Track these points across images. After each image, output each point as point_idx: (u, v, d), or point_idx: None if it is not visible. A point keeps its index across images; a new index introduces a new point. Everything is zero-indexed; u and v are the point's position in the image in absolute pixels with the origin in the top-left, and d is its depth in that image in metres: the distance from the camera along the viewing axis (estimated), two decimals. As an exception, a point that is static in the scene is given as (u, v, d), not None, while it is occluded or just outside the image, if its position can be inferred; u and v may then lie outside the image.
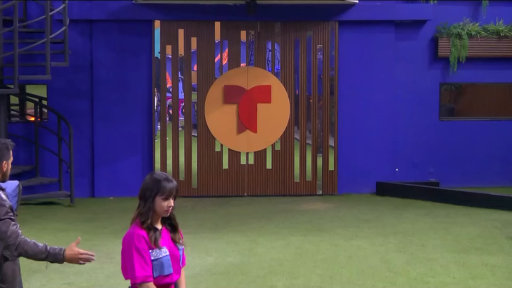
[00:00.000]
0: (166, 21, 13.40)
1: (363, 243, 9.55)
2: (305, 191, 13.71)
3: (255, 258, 8.81)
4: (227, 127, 13.56)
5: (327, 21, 13.58)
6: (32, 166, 13.27)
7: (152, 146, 13.50)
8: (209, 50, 13.54)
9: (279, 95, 13.63)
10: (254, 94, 13.56)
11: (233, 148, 13.62)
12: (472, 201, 12.35)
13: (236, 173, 13.64)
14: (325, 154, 13.70)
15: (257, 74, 13.61)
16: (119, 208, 12.26)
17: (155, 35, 13.43)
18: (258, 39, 13.60)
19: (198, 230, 10.39)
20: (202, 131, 13.57)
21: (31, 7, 13.08)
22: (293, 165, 13.70)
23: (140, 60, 13.45)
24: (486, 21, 14.14)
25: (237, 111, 13.55)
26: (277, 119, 13.64)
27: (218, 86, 13.55)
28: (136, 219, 4.05)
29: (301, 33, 13.61)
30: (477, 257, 8.75)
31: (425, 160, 14.18)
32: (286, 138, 13.70)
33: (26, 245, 4.29)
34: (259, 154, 13.70)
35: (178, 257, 4.13)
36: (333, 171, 13.72)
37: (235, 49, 13.59)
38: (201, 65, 13.55)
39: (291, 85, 13.67)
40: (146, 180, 4.09)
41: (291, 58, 13.63)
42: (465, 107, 14.83)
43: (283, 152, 13.71)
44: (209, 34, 13.52)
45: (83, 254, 4.26)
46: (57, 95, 13.35)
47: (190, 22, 13.47)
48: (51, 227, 10.76)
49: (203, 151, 13.58)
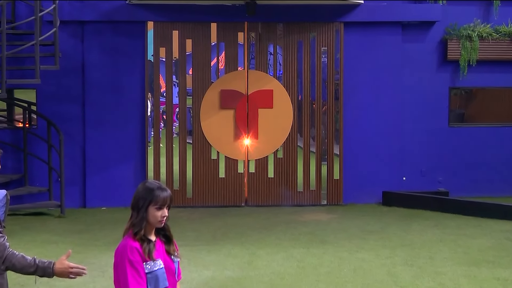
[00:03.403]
0: (159, 22, 13.43)
1: (369, 256, 9.56)
2: (309, 201, 13.72)
3: (255, 271, 8.82)
4: (223, 133, 13.58)
5: (331, 22, 13.61)
6: (20, 174, 13.28)
7: (145, 153, 13.52)
8: (205, 52, 13.58)
9: (281, 100, 13.65)
10: (255, 99, 13.59)
11: (230, 155, 13.64)
12: (483, 212, 12.35)
13: (233, 182, 13.65)
14: (329, 162, 13.72)
15: (258, 78, 13.64)
16: (112, 219, 12.27)
17: (148, 37, 13.46)
18: (259, 41, 13.65)
19: (195, 242, 10.39)
20: (198, 138, 13.58)
21: (20, 8, 13.12)
22: (296, 174, 13.72)
23: (133, 63, 13.49)
24: (498, 22, 14.17)
25: (234, 116, 13.58)
26: (279, 125, 13.66)
27: (215, 90, 13.57)
28: (129, 230, 4.05)
29: (305, 35, 13.65)
30: (488, 271, 8.75)
31: (433, 168, 14.19)
32: (289, 145, 13.72)
33: (14, 258, 4.30)
34: (260, 162, 13.72)
35: (174, 270, 4.14)
36: (338, 180, 13.74)
37: (232, 52, 13.63)
38: (197, 68, 13.58)
39: (294, 90, 13.70)
40: (138, 189, 4.11)
41: (294, 61, 13.67)
42: (476, 112, 14.86)
43: (286, 160, 13.72)
44: (205, 36, 13.56)
45: (74, 268, 4.27)
46: (47, 100, 13.37)
47: (185, 24, 13.50)
48: (40, 239, 10.76)
49: (198, 159, 13.58)
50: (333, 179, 13.72)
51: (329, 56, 13.64)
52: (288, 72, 13.68)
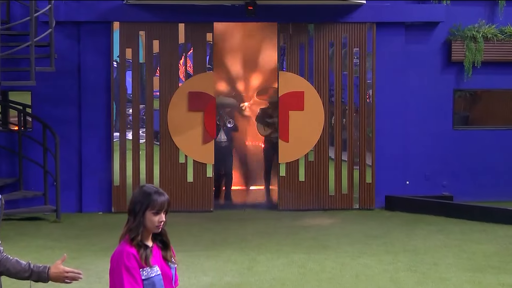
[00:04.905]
0: (125, 22, 13.26)
1: (371, 262, 9.56)
2: (340, 205, 13.70)
3: (255, 277, 8.83)
4: (192, 137, 13.47)
5: (362, 22, 13.57)
6: (15, 178, 13.28)
7: (111, 158, 13.43)
8: (172, 54, 13.46)
9: (312, 102, 13.59)
10: (286, 101, 13.53)
11: (199, 159, 13.51)
12: (488, 217, 12.35)
13: (201, 186, 13.49)
14: (361, 166, 13.67)
15: (289, 79, 13.57)
16: (109, 224, 12.27)
17: (114, 37, 13.32)
18: (290, 42, 13.61)
19: (193, 248, 10.40)
20: (165, 141, 13.46)
21: (15, 8, 13.11)
22: (328, 177, 13.68)
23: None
24: (503, 22, 14.16)
25: (203, 119, 13.52)
26: (310, 128, 13.59)
27: (182, 92, 13.48)
28: (125, 235, 4.06)
29: (336, 35, 13.61)
30: (493, 277, 8.76)
31: (437, 172, 14.18)
32: (320, 148, 13.66)
33: (8, 263, 4.31)
34: (291, 165, 13.67)
35: (171, 276, 4.15)
36: (370, 184, 13.72)
37: (200, 53, 13.53)
38: (164, 70, 13.46)
39: (325, 91, 13.65)
40: (135, 194, 4.12)
41: (325, 62, 13.61)
42: (481, 115, 14.86)
43: (317, 163, 13.67)
44: (172, 37, 13.45)
45: (69, 273, 4.29)
46: (42, 102, 13.38)
47: (152, 24, 13.36)
48: (36, 244, 10.77)
49: (166, 162, 13.46)
50: (365, 183, 13.73)
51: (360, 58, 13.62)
52: (319, 73, 13.62)
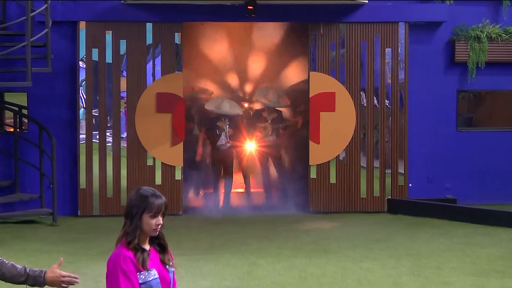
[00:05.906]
0: (92, 22, 13.23)
1: (373, 266, 9.56)
2: (372, 207, 13.70)
3: (255, 281, 8.82)
4: (160, 139, 13.43)
5: (393, 22, 13.65)
6: (11, 181, 13.28)
7: (77, 161, 13.39)
8: (139, 54, 13.43)
9: (344, 103, 13.58)
10: (317, 102, 13.53)
11: (167, 162, 13.47)
12: (492, 220, 12.34)
13: (170, 189, 13.40)
14: (394, 169, 13.69)
15: (320, 80, 13.58)
16: (106, 227, 12.26)
17: (80, 37, 13.29)
18: (321, 41, 13.60)
19: (192, 252, 10.39)
20: (132, 143, 13.41)
21: (11, 8, 13.12)
22: (359, 179, 13.68)
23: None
24: (507, 22, 14.17)
25: (171, 121, 13.47)
26: (342, 129, 13.60)
27: (150, 93, 13.43)
28: (122, 239, 4.05)
29: (368, 35, 13.63)
30: (497, 281, 8.75)
31: (441, 174, 14.18)
32: (352, 149, 13.66)
33: (3, 267, 4.30)
34: (322, 167, 13.67)
35: (169, 280, 4.14)
36: (402, 186, 13.74)
37: (168, 54, 13.49)
38: (131, 70, 13.42)
39: (356, 93, 13.65)
40: (131, 197, 4.11)
41: (357, 63, 13.63)
42: (485, 116, 14.87)
43: (348, 165, 13.68)
44: (140, 36, 13.41)
45: (66, 277, 4.28)
46: (38, 104, 13.37)
47: (119, 24, 13.34)
48: (32, 248, 10.77)
49: (133, 165, 13.41)
50: (398, 185, 13.73)
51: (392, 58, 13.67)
52: (351, 74, 13.62)
